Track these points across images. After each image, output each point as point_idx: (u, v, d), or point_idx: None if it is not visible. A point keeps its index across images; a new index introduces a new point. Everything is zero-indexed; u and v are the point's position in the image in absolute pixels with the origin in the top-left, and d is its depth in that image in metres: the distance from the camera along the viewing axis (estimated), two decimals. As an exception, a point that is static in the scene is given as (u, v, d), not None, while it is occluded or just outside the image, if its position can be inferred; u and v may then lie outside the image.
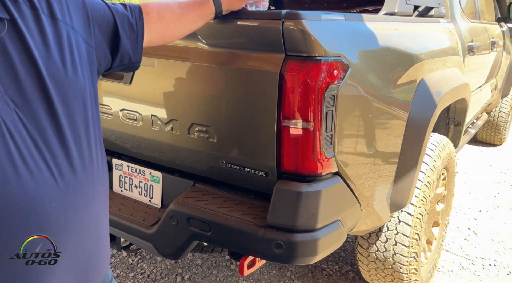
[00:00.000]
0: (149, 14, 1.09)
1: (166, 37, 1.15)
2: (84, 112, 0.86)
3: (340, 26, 1.27)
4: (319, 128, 1.18)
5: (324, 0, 3.35)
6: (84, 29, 0.92)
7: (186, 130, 1.41)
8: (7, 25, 0.75)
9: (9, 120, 0.73)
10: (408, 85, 1.51)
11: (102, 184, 0.90)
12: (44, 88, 0.77)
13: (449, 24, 2.17)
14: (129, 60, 1.07)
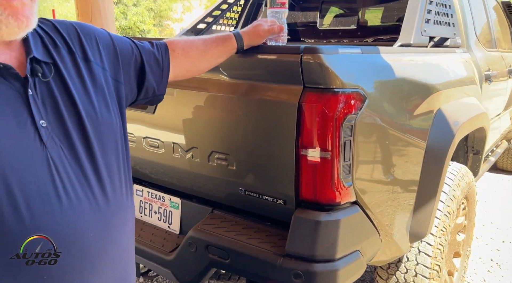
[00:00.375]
0: (175, 51, 1.16)
1: (191, 72, 1.21)
2: (115, 146, 0.93)
3: (357, 59, 1.31)
4: (338, 158, 1.20)
5: (339, 29, 3.43)
6: (113, 67, 0.99)
7: (206, 157, 1.44)
8: (53, 69, 0.83)
9: (56, 155, 0.80)
10: (425, 115, 1.53)
11: (131, 213, 0.96)
12: (83, 127, 0.85)
13: (465, 54, 2.19)
14: (153, 94, 1.14)
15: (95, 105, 0.90)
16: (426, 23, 1.84)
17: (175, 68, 1.17)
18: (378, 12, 3.05)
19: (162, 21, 16.08)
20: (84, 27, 0.99)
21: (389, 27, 2.84)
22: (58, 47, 0.89)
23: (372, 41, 2.95)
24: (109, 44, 1.02)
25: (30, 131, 0.78)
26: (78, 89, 0.88)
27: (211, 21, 2.85)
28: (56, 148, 0.81)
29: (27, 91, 0.79)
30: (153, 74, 1.11)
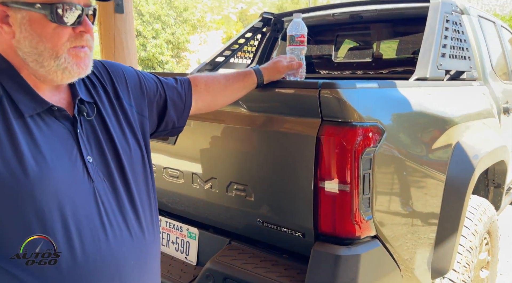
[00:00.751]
0: (198, 86, 1.22)
1: (212, 106, 1.26)
2: (145, 179, 1.00)
3: (374, 93, 1.33)
4: (357, 191, 1.20)
5: (353, 62, 3.48)
6: (139, 102, 1.07)
7: (224, 188, 1.46)
8: (95, 108, 0.90)
9: (101, 188, 0.88)
10: (444, 148, 1.52)
11: (159, 242, 1.01)
12: (120, 161, 0.93)
13: (482, 87, 2.20)
14: (173, 126, 1.20)
15: (128, 140, 0.97)
16: (441, 57, 1.87)
17: (198, 102, 1.22)
18: (393, 44, 3.10)
19: (179, 52, 16.63)
20: (113, 65, 1.07)
21: (404, 60, 2.88)
22: (96, 86, 0.97)
23: (386, 73, 2.99)
24: (135, 81, 1.09)
25: (80, 166, 0.86)
26: (114, 126, 0.96)
27: (229, 55, 2.95)
28: (100, 182, 0.88)
29: (76, 130, 0.88)
30: (175, 108, 1.17)
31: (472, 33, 2.27)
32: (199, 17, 17.80)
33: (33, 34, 0.81)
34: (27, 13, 0.80)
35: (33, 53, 0.82)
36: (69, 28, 0.83)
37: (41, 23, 0.81)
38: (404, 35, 2.85)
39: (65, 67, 0.84)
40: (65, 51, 0.83)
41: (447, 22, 2.01)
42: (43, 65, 0.83)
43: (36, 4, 0.80)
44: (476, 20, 2.37)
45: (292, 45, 1.33)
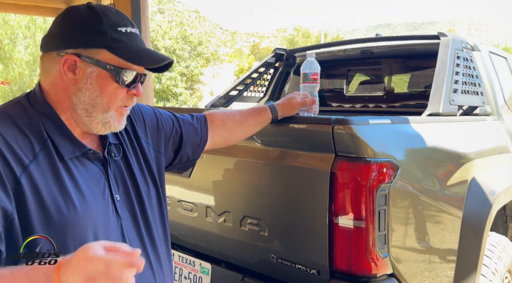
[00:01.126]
0: (214, 121, 1.26)
1: (228, 141, 1.30)
2: (161, 214, 1.05)
3: (387, 129, 1.35)
4: (373, 227, 1.19)
5: (365, 95, 3.52)
6: (156, 139, 1.12)
7: (238, 222, 1.46)
8: (121, 149, 0.99)
9: (126, 225, 0.94)
10: (460, 184, 1.51)
11: (173, 277, 1.06)
12: (141, 200, 0.99)
13: (496, 122, 2.19)
14: (187, 160, 1.25)
15: (147, 178, 1.03)
16: (454, 92, 1.89)
17: (213, 137, 1.25)
18: (404, 77, 3.14)
19: (193, 84, 17.04)
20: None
21: (416, 94, 2.90)
22: None
23: (398, 107, 3.01)
24: (153, 119, 1.15)
25: (110, 204, 0.92)
26: (135, 166, 1.02)
27: (243, 89, 3.02)
28: (126, 219, 0.94)
29: (107, 170, 0.95)
30: (191, 144, 1.21)
31: (484, 68, 2.30)
32: (212, 51, 18.34)
33: (96, 87, 0.89)
34: (97, 70, 0.88)
35: (88, 103, 0.89)
36: (125, 89, 0.92)
37: (107, 81, 0.89)
38: (415, 70, 2.89)
39: (107, 121, 0.92)
40: (115, 108, 0.92)
41: (458, 59, 2.04)
42: (91, 115, 0.90)
43: (108, 65, 0.88)
44: (487, 56, 2.41)
45: (306, 83, 1.37)
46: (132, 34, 0.91)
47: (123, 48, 0.88)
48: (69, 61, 0.87)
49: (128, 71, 0.90)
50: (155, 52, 0.95)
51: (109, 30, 0.87)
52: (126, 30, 0.90)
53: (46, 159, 0.84)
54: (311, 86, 1.37)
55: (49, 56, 0.90)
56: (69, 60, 0.87)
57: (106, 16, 0.89)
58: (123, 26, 0.90)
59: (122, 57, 0.88)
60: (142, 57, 0.91)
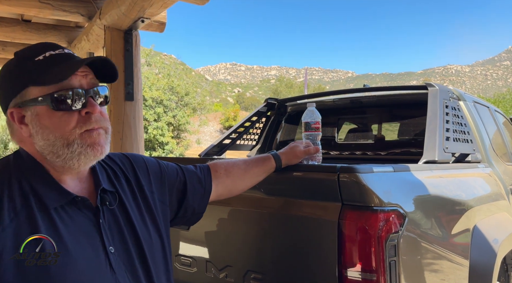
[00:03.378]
0: (217, 171, 1.23)
1: (233, 191, 1.27)
2: (165, 267, 0.96)
3: (391, 177, 1.35)
4: (384, 280, 1.15)
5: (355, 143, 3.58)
6: (160, 190, 1.08)
7: (241, 277, 1.39)
8: (117, 197, 0.90)
9: (122, 280, 0.85)
10: (463, 233, 1.50)
11: None
12: (142, 251, 0.92)
13: (487, 168, 2.23)
14: (192, 212, 1.19)
15: (149, 229, 0.96)
16: (446, 140, 1.93)
17: (218, 187, 1.23)
18: (393, 125, 3.23)
19: (180, 133, 17.10)
20: (135, 156, 1.11)
21: (405, 142, 2.97)
22: (118, 176, 0.98)
23: (388, 154, 3.06)
24: (157, 169, 1.12)
25: (102, 257, 0.84)
26: (136, 215, 0.95)
27: (235, 137, 3.04)
28: (122, 273, 0.86)
29: (99, 220, 0.87)
30: (194, 194, 1.18)
31: (470, 117, 2.38)
32: (199, 100, 18.67)
33: (42, 127, 0.84)
34: (34, 109, 0.84)
35: (47, 145, 0.84)
36: (75, 113, 0.85)
37: (47, 115, 0.84)
38: (403, 118, 2.98)
39: (79, 152, 0.85)
40: (77, 136, 0.85)
41: (446, 108, 2.12)
42: (58, 155, 0.84)
43: (38, 98, 0.84)
44: (472, 105, 2.51)
45: (308, 132, 1.38)
46: (52, 57, 0.85)
47: (43, 74, 0.83)
48: (15, 114, 0.86)
49: (59, 93, 0.83)
50: (69, 58, 0.87)
51: (27, 67, 0.85)
52: (45, 56, 0.85)
53: (27, 213, 0.79)
54: (314, 134, 1.38)
55: (7, 121, 0.90)
56: (14, 114, 0.86)
57: (23, 55, 0.87)
58: (40, 54, 0.85)
59: (44, 83, 0.83)
60: (62, 71, 0.83)
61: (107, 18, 3.15)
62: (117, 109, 3.45)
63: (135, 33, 3.36)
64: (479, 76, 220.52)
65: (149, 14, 2.95)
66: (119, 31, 3.29)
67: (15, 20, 4.00)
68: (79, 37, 4.13)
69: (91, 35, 3.70)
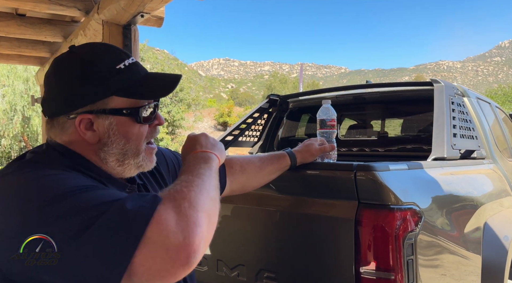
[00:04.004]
0: (233, 167, 1.21)
1: (246, 187, 1.25)
2: None
3: (406, 175, 1.34)
4: (401, 278, 1.14)
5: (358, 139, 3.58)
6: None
7: (253, 276, 1.37)
8: (143, 189, 0.94)
9: None
10: (475, 230, 1.50)
11: None
12: None
13: (491, 165, 2.24)
14: None
15: None
16: (453, 137, 1.93)
17: (232, 183, 1.20)
18: (396, 121, 3.23)
19: (174, 129, 17.02)
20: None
21: (409, 138, 2.97)
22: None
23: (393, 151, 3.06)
24: (174, 161, 1.12)
25: None
26: None
27: (237, 134, 3.01)
28: None
29: None
30: None
31: (474, 113, 2.39)
32: (194, 96, 18.60)
33: (121, 137, 0.84)
34: (115, 118, 0.83)
35: (118, 153, 0.84)
36: (147, 125, 0.88)
37: (129, 126, 0.84)
38: (407, 115, 2.98)
39: (140, 165, 0.87)
40: (143, 148, 0.87)
41: (452, 104, 2.11)
42: (123, 163, 0.85)
43: (123, 110, 0.83)
44: (476, 102, 2.51)
45: (324, 129, 1.37)
46: (132, 66, 0.85)
47: (131, 87, 0.83)
48: (84, 120, 0.82)
49: (145, 107, 0.85)
50: (162, 77, 0.89)
51: (108, 74, 0.81)
52: (125, 64, 0.84)
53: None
54: (329, 132, 1.37)
55: (58, 121, 0.84)
56: (83, 120, 0.82)
57: (99, 59, 0.83)
58: (120, 62, 0.83)
59: (134, 96, 0.83)
60: (154, 88, 0.85)
61: (106, 13, 3.08)
62: None
63: (134, 28, 3.30)
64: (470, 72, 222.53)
65: (149, 8, 2.89)
66: (118, 26, 3.22)
67: (10, 14, 3.90)
68: (75, 32, 4.05)
69: (88, 30, 3.62)
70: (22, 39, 4.44)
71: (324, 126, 1.36)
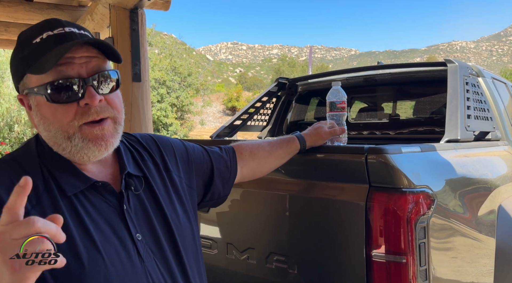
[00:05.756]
0: (242, 153, 1.20)
1: (257, 173, 1.23)
2: (195, 251, 0.94)
3: (419, 157, 1.31)
4: (413, 262, 1.13)
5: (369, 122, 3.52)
6: (188, 174, 1.04)
7: (263, 259, 1.38)
8: (143, 181, 0.86)
9: (151, 268, 0.81)
10: (490, 213, 1.47)
11: None
12: (172, 236, 0.88)
13: (507, 147, 2.19)
14: (218, 196, 1.16)
15: (178, 214, 0.93)
16: (468, 118, 1.88)
17: (243, 169, 1.19)
18: (408, 103, 3.16)
19: (183, 114, 17.05)
20: (162, 139, 1.06)
21: (421, 120, 2.91)
22: (145, 159, 0.94)
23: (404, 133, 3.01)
24: (183, 153, 1.08)
25: (129, 246, 0.80)
26: (165, 199, 0.91)
27: (246, 118, 2.99)
28: (151, 261, 0.82)
29: (122, 206, 0.83)
30: (221, 177, 1.14)
31: (490, 94, 2.32)
32: (202, 81, 18.54)
33: (42, 117, 0.79)
34: (34, 98, 0.80)
35: (50, 136, 0.80)
36: (73, 104, 0.78)
37: (45, 105, 0.78)
38: (420, 96, 2.92)
39: (82, 147, 0.79)
40: (76, 130, 0.79)
41: (466, 84, 2.06)
42: (62, 147, 0.80)
43: (34, 88, 0.78)
44: (491, 82, 2.44)
45: (333, 112, 1.34)
46: (49, 39, 0.77)
47: (38, 61, 0.76)
48: (24, 100, 0.81)
49: (54, 83, 0.75)
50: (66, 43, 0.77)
51: (24, 51, 0.78)
52: (42, 37, 0.77)
53: (49, 199, 0.76)
54: (339, 114, 1.34)
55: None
56: (23, 100, 0.81)
57: (23, 36, 0.80)
58: (38, 36, 0.78)
59: (36, 72, 0.75)
60: (50, 58, 0.74)
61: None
62: (124, 90, 3.39)
63: (140, 12, 3.27)
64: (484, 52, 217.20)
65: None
66: (125, 10, 3.19)
67: (17, 0, 3.90)
68: (83, 17, 4.03)
69: (96, 15, 3.60)
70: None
71: (333, 109, 1.33)
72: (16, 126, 9.72)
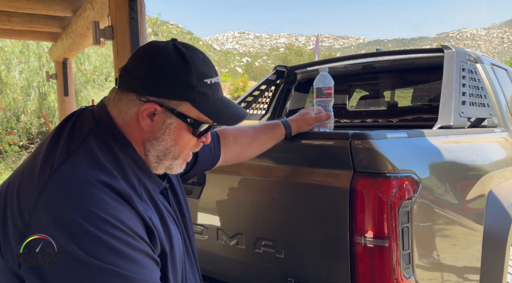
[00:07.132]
0: (226, 138, 1.21)
1: (240, 157, 1.25)
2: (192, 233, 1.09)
3: (405, 143, 1.31)
4: (396, 246, 1.14)
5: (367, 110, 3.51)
6: None
7: (252, 244, 1.40)
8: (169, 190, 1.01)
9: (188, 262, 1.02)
10: (478, 198, 1.47)
11: None
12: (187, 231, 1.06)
13: (504, 133, 2.17)
14: (196, 174, 1.26)
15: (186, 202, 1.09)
16: (462, 105, 1.87)
17: (226, 154, 1.21)
18: (407, 92, 3.14)
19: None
20: None
21: (419, 107, 2.89)
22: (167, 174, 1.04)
23: (402, 121, 2.99)
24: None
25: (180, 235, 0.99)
26: (180, 193, 1.08)
27: (245, 107, 2.99)
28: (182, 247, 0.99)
29: (169, 202, 0.99)
30: (204, 162, 1.18)
31: (488, 80, 2.29)
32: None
33: (172, 138, 0.87)
34: (177, 121, 0.86)
35: (161, 151, 0.88)
36: (196, 138, 0.91)
37: (183, 132, 0.88)
38: (418, 83, 2.89)
39: (172, 167, 0.92)
40: (183, 156, 0.92)
41: (463, 71, 2.03)
42: (160, 161, 0.89)
43: (188, 118, 0.86)
44: (490, 68, 2.41)
45: (320, 98, 1.34)
46: (215, 85, 0.89)
47: (206, 103, 0.86)
48: (149, 109, 0.84)
49: (209, 127, 0.91)
50: (233, 107, 0.94)
51: (196, 84, 0.84)
52: (211, 81, 0.87)
53: (148, 197, 0.86)
54: (325, 100, 1.34)
55: (128, 96, 0.85)
56: (149, 108, 0.84)
57: (195, 66, 0.85)
58: (209, 77, 0.87)
59: (204, 113, 0.86)
60: (223, 115, 0.89)
61: (111, -15, 3.05)
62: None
63: (139, 0, 3.26)
64: (495, 39, 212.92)
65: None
66: (124, -1, 3.19)
67: (19, -11, 3.91)
68: (84, 6, 4.04)
69: (96, 3, 3.60)
70: (33, 15, 4.46)
71: (320, 95, 1.33)
72: (23, 116, 9.82)
